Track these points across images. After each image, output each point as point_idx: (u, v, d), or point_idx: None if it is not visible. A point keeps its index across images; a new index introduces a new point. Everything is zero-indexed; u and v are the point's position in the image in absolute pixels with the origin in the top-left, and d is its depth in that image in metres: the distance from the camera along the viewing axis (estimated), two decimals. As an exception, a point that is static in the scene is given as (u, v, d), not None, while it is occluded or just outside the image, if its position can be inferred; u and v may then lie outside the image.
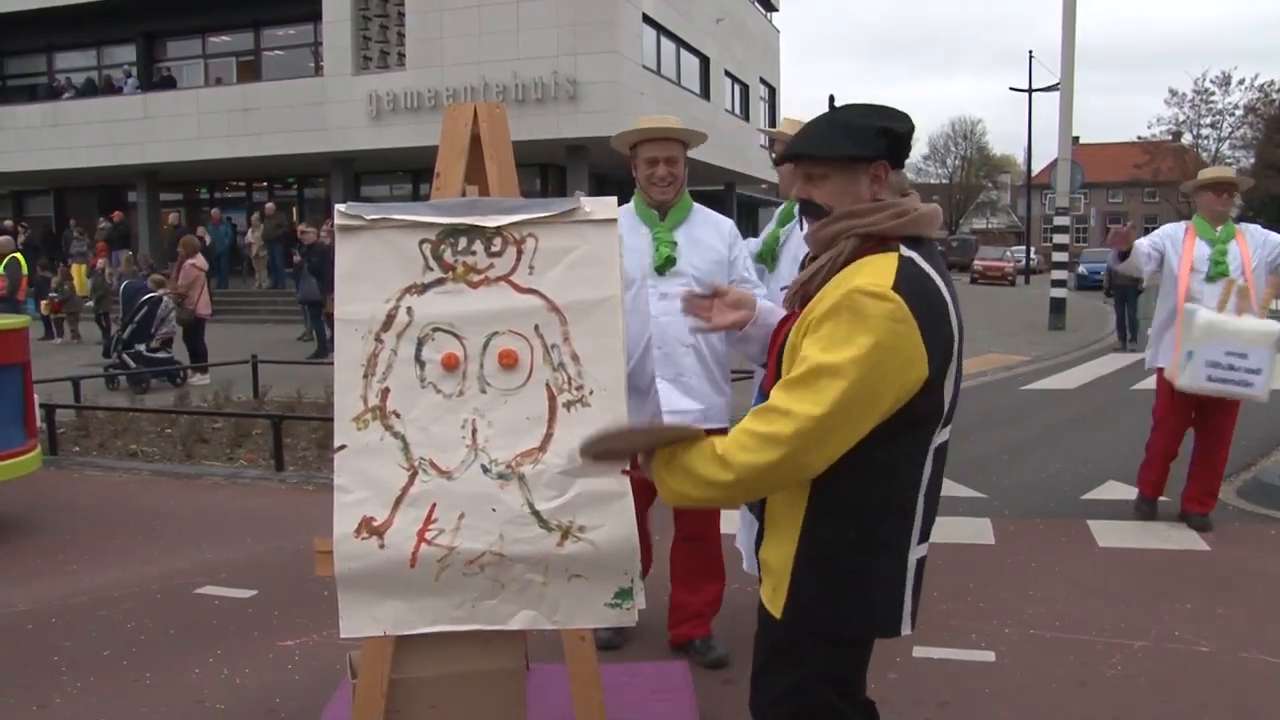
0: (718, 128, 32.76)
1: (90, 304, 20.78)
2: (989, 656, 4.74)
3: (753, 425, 2.19)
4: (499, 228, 2.94)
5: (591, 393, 2.87)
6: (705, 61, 31.70)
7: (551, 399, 2.88)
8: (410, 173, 29.48)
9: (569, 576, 2.84)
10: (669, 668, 4.39)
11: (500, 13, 23.86)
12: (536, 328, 2.90)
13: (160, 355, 14.45)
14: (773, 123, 42.45)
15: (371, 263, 2.93)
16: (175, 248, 23.77)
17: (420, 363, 2.91)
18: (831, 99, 19.63)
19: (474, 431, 2.88)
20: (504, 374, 2.89)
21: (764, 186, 46.28)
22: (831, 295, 2.21)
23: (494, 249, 2.94)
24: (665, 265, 4.48)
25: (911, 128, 2.35)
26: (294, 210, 30.34)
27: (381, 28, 25.76)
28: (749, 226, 48.04)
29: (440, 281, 2.93)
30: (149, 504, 7.97)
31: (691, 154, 4.70)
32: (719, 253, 4.57)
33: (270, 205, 25.88)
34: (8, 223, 26.49)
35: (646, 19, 25.84)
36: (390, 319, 2.91)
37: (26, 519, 7.58)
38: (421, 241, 2.95)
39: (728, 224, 4.74)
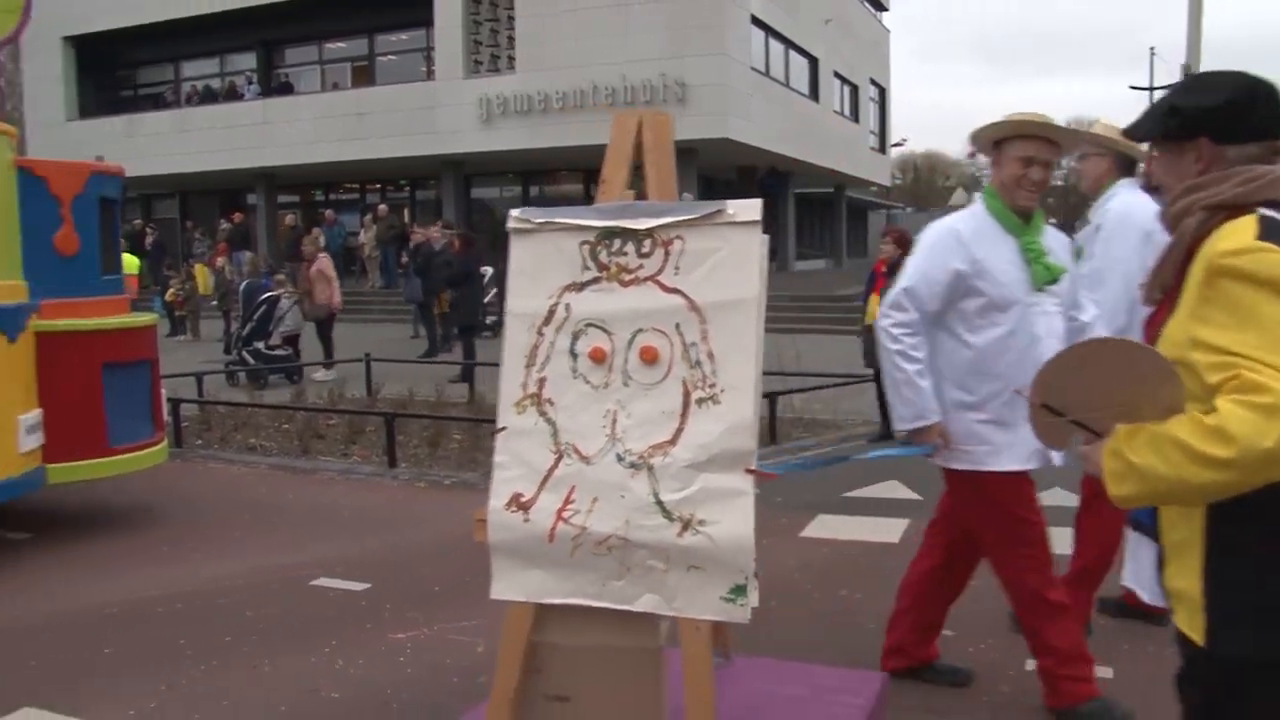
0: (827, 130, 32.58)
1: (213, 303, 21.42)
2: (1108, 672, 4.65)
3: (1236, 399, 1.85)
4: (649, 230, 3.09)
5: (723, 391, 2.97)
6: (814, 62, 31.51)
7: (686, 395, 3.00)
8: (520, 174, 29.83)
9: (687, 567, 2.96)
10: (861, 677, 3.98)
11: (608, 16, 24.03)
12: (677, 326, 3.03)
13: (278, 353, 14.84)
14: (884, 125, 42.04)
15: (538, 262, 3.19)
16: (292, 248, 24.49)
17: (574, 355, 3.12)
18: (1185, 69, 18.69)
19: (614, 421, 3.06)
20: (645, 369, 3.05)
21: (874, 189, 45.91)
22: (1196, 274, 2.03)
23: (644, 250, 3.10)
24: (1051, 280, 3.94)
25: (1227, 99, 2.16)
26: (406, 212, 30.91)
27: (492, 32, 26.12)
28: (859, 230, 47.63)
29: (596, 280, 3.12)
30: (267, 497, 8.23)
31: (799, 156, 4.66)
32: (1070, 269, 4.10)
33: (383, 207, 26.39)
34: (136, 222, 27.47)
35: (754, 20, 25.78)
36: (551, 313, 3.15)
37: (154, 508, 7.89)
38: (582, 243, 3.15)
39: (1064, 236, 4.28)
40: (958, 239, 3.90)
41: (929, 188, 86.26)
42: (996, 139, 3.95)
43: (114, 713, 4.35)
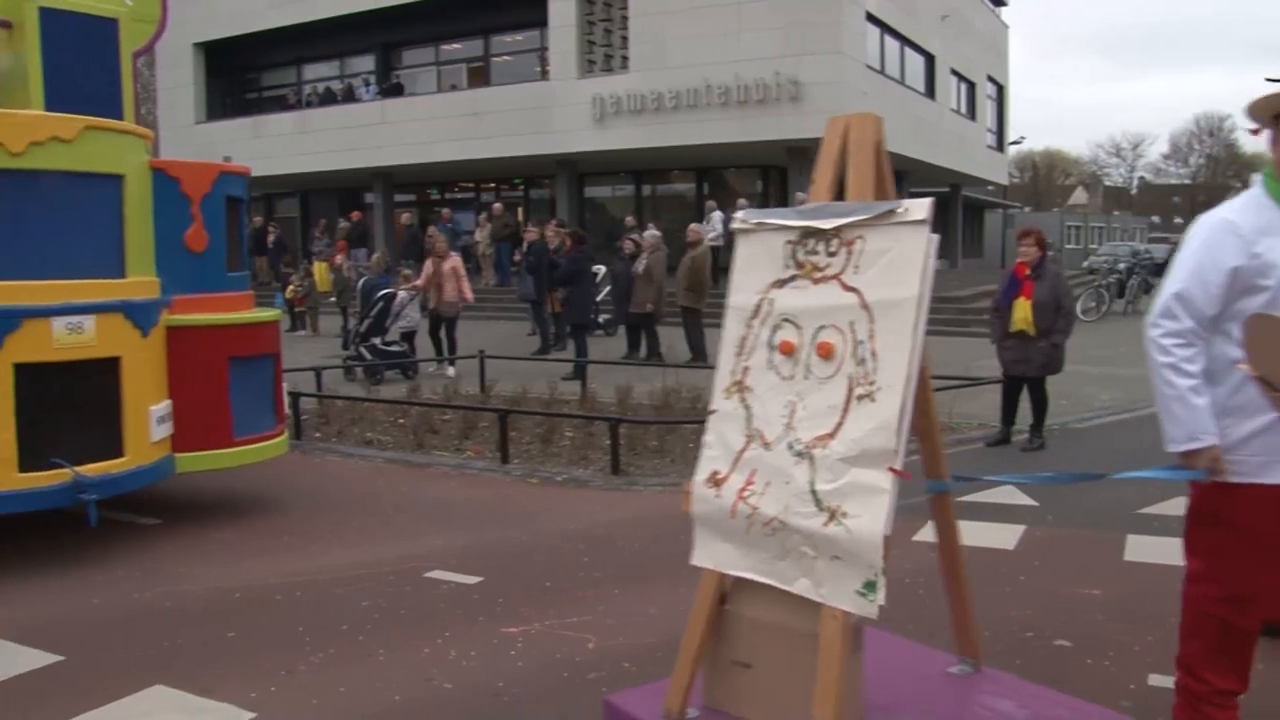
0: (943, 128, 32.06)
1: (331, 299, 21.92)
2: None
3: None
4: (835, 229, 3.25)
5: (879, 389, 3.06)
6: (930, 60, 31.02)
7: (849, 390, 3.13)
8: (633, 173, 29.94)
9: (831, 556, 3.08)
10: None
11: (722, 15, 23.97)
12: (851, 324, 3.17)
13: (394, 349, 15.12)
14: (1001, 122, 41.22)
15: (753, 260, 3.49)
16: (410, 246, 24.95)
17: (770, 347, 3.37)
18: None
19: (792, 412, 3.26)
20: (821, 364, 3.22)
21: (990, 188, 45.02)
22: None
23: (831, 249, 3.28)
24: None
25: None
26: (520, 210, 31.27)
27: (605, 32, 26.26)
28: (975, 229, 46.80)
29: (794, 278, 3.35)
30: (383, 490, 8.40)
31: (915, 155, 4.60)
32: None
33: (498, 205, 26.71)
34: (257, 220, 28.23)
35: (870, 17, 25.45)
36: (758, 308, 3.44)
37: (275, 498, 8.11)
38: (786, 242, 3.39)
39: None
40: (1233, 231, 3.37)
41: (1048, 186, 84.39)
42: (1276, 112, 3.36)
43: (237, 694, 4.48)
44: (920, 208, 3.12)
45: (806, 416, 3.21)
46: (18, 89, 8.61)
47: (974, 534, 6.82)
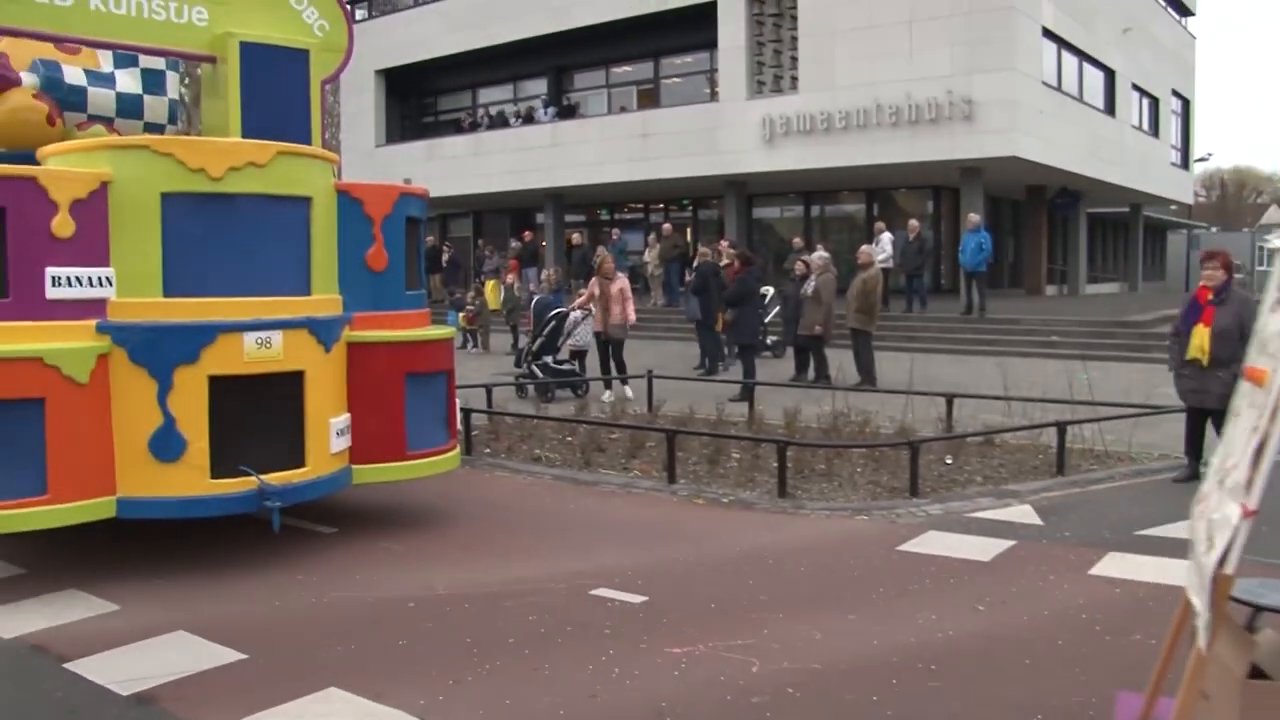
0: (1123, 145, 30.95)
1: (501, 317, 22.40)
2: None
3: None
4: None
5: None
6: (1110, 75, 29.97)
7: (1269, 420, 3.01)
8: (801, 194, 29.79)
9: (1200, 585, 3.10)
10: None
11: (893, 33, 23.65)
12: None
13: (565, 367, 15.29)
14: (1186, 139, 39.53)
15: None
16: (579, 265, 25.33)
17: None
18: None
19: (1249, 437, 3.11)
20: (1256, 391, 3.13)
21: (1174, 208, 43.22)
22: None
23: None
24: None
25: None
26: (689, 231, 31.43)
27: (775, 53, 26.21)
28: (1156, 251, 45.01)
29: None
30: (551, 506, 8.50)
31: (1093, 174, 4.41)
32: None
33: (667, 226, 26.87)
34: (432, 239, 29.07)
35: (1046, 33, 24.73)
36: None
37: (446, 511, 8.29)
38: None
39: None
40: None
41: (1237, 205, 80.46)
42: None
43: (408, 700, 4.58)
44: None
45: (1239, 444, 3.14)
46: (219, 117, 9.11)
47: (1157, 571, 6.51)
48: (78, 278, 6.35)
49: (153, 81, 9.30)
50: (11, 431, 6.07)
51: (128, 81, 9.40)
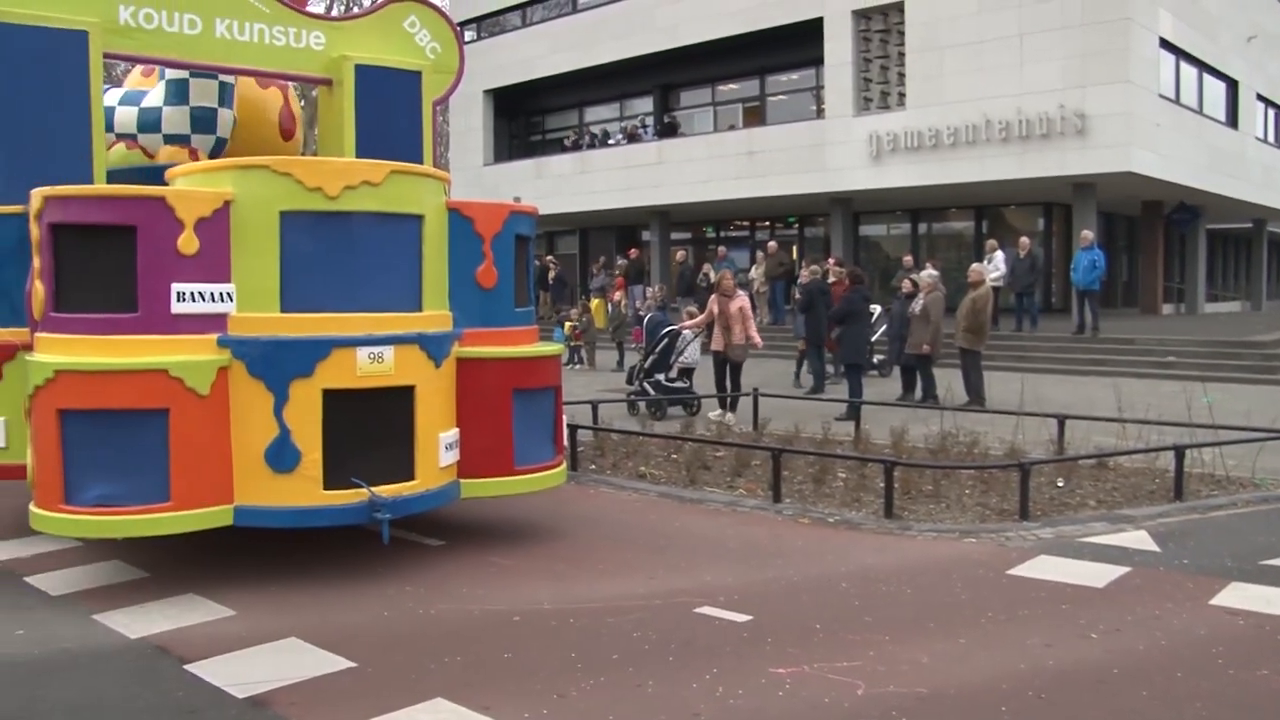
0: (1246, 158, 30.03)
1: (607, 334, 22.53)
2: None
3: None
4: None
5: None
6: (1232, 85, 29.08)
7: None
8: (908, 212, 29.46)
9: None
10: None
11: (1003, 47, 23.27)
12: None
13: (677, 385, 15.30)
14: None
15: None
16: (685, 282, 25.38)
17: None
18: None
19: None
20: None
21: (1301, 223, 41.68)
22: None
23: None
24: None
25: None
26: (794, 249, 31.28)
27: (882, 69, 25.98)
28: (1281, 267, 43.44)
29: None
30: (655, 523, 8.51)
31: (1212, 188, 4.27)
32: None
33: (773, 244, 26.77)
34: (542, 258, 29.40)
35: (1164, 43, 24.09)
36: None
37: (552, 526, 8.36)
38: None
39: None
40: None
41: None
42: None
43: (512, 713, 4.63)
44: None
45: None
46: (334, 138, 9.35)
47: None
48: (201, 293, 6.57)
49: (173, 92, 9.48)
50: (138, 440, 6.30)
51: (153, 97, 9.61)
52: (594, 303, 24.74)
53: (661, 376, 15.25)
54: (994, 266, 20.62)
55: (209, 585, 6.61)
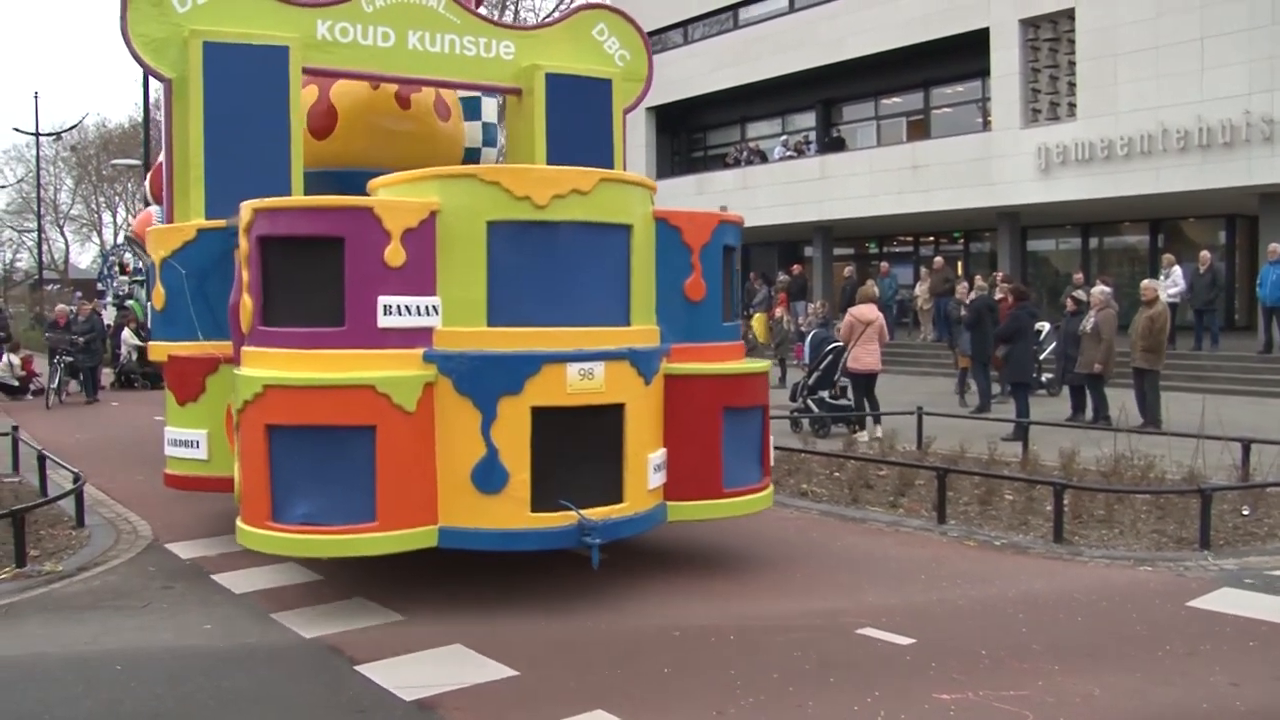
0: None
1: (769, 350, 22.43)
2: None
3: None
4: None
5: None
6: None
7: None
8: (1079, 226, 28.51)
9: None
10: None
11: (1181, 53, 22.33)
12: None
13: (842, 402, 15.14)
14: None
15: None
16: (850, 298, 25.11)
17: None
18: None
19: None
20: None
21: None
22: None
23: None
24: None
25: None
26: (960, 265, 30.65)
27: (1051, 79, 25.25)
28: None
29: None
30: (817, 541, 8.46)
31: None
32: None
33: (938, 260, 26.28)
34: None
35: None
36: None
37: (712, 543, 8.36)
38: None
39: None
40: None
41: None
42: None
43: (673, 732, 4.68)
44: None
45: None
46: (523, 147, 9.44)
47: None
48: (407, 306, 6.43)
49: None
50: (346, 458, 6.21)
51: None
52: (755, 318, 24.68)
53: (825, 394, 15.11)
54: (1171, 282, 19.83)
55: (378, 590, 6.86)
